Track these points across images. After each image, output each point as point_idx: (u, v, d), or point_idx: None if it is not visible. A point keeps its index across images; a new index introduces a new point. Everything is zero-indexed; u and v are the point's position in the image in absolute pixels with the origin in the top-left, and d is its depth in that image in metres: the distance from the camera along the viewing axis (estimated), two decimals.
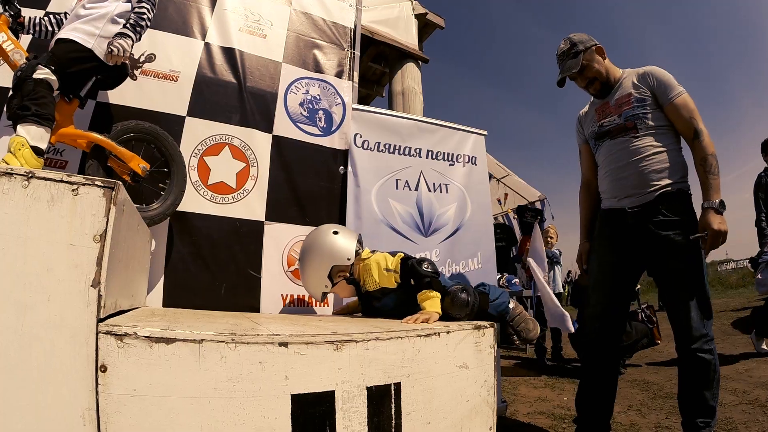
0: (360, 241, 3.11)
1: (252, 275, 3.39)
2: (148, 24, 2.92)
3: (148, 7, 2.90)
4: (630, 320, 6.12)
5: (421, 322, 2.37)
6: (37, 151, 2.41)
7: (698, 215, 2.78)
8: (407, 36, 7.05)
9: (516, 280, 8.29)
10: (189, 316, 2.23)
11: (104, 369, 1.40)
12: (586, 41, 3.04)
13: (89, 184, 1.54)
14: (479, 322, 2.31)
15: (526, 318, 2.95)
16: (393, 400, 1.86)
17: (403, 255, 2.79)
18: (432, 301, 2.53)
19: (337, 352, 1.74)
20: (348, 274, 2.93)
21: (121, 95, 3.26)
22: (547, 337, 7.41)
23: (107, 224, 1.54)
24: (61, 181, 1.52)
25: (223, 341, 1.52)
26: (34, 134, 2.41)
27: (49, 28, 3.03)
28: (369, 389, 1.79)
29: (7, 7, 2.75)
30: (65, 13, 3.07)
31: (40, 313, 1.41)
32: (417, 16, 7.42)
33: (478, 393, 2.18)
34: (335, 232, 2.97)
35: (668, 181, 2.82)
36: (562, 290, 7.48)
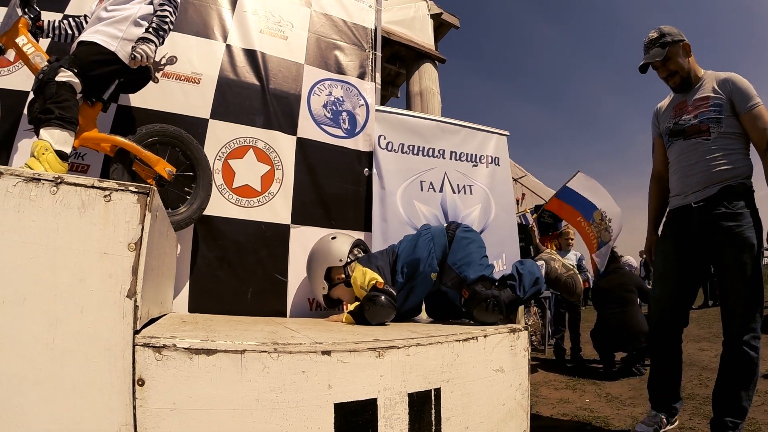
0: (361, 246, 3.17)
1: (278, 279, 3.35)
2: (171, 27, 2.87)
3: (171, 9, 2.85)
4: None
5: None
6: (61, 155, 2.35)
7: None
8: (423, 36, 7.03)
9: None
10: (222, 323, 2.19)
11: (142, 383, 1.35)
12: (675, 35, 3.07)
13: (122, 190, 1.49)
14: (514, 326, 2.32)
15: (564, 278, 2.89)
16: (433, 406, 1.84)
17: (375, 281, 2.64)
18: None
19: (379, 359, 1.70)
20: (344, 276, 2.98)
21: (143, 98, 3.22)
22: (565, 337, 7.34)
23: (142, 232, 1.49)
24: (93, 186, 1.46)
25: (265, 351, 1.47)
26: (58, 138, 2.36)
27: (69, 32, 3.00)
28: (410, 396, 1.77)
29: (26, 10, 2.70)
30: (85, 16, 3.03)
31: (72, 325, 1.35)
32: (432, 16, 7.41)
33: (513, 396, 2.19)
34: (333, 238, 3.09)
35: (732, 180, 2.88)
36: None
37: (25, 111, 3.03)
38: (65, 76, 2.44)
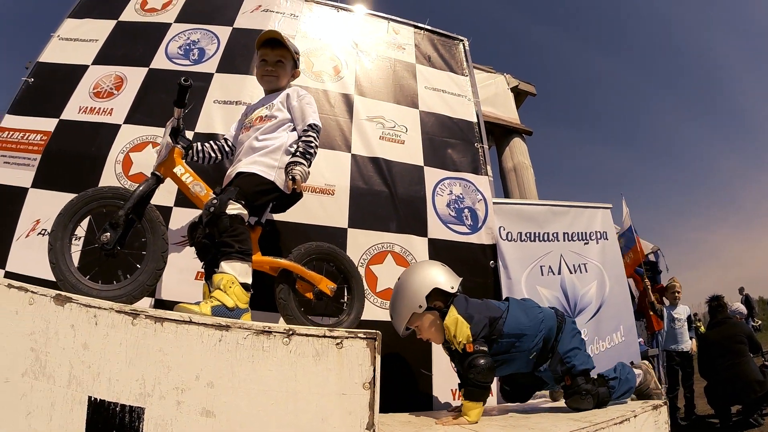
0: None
1: (424, 374, 3.54)
2: (316, 151, 3.04)
3: (314, 135, 3.03)
4: (763, 370, 6.01)
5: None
6: (244, 287, 2.53)
7: None
8: (508, 111, 7.26)
9: (640, 339, 8.14)
10: (405, 425, 2.58)
11: None
12: None
13: (353, 337, 1.74)
14: (656, 402, 2.55)
15: (652, 393, 3.04)
16: None
17: (469, 347, 2.66)
18: (474, 412, 2.58)
19: None
20: (443, 307, 2.82)
21: (285, 212, 3.42)
22: (679, 395, 7.22)
23: (374, 372, 1.74)
24: (324, 336, 1.71)
25: None
26: (240, 270, 2.53)
27: (212, 155, 3.23)
28: None
29: (178, 139, 2.90)
30: (225, 140, 3.30)
31: None
32: (511, 89, 7.64)
33: None
34: (443, 265, 2.99)
35: None
36: (688, 349, 7.26)
37: (170, 226, 3.35)
38: (235, 208, 2.60)
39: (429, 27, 5.44)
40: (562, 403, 2.97)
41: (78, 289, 2.25)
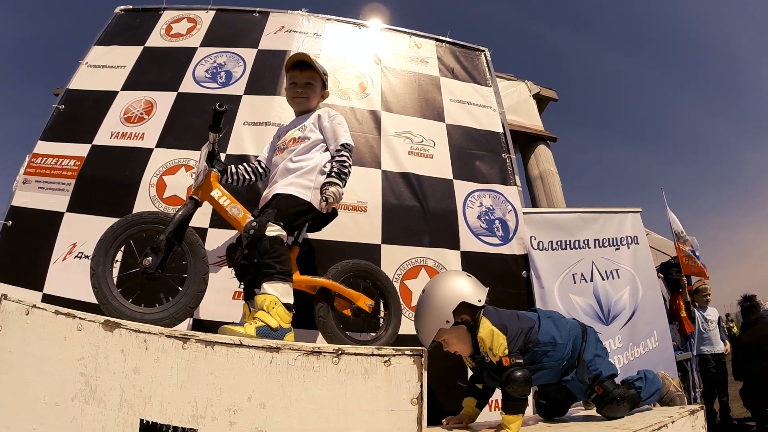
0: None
1: (460, 386, 3.52)
2: (350, 171, 3.07)
3: (347, 155, 3.07)
4: None
5: None
6: (287, 306, 2.55)
7: None
8: (531, 118, 7.23)
9: (674, 343, 8.04)
10: None
11: None
12: None
13: (400, 355, 1.74)
14: (693, 407, 2.53)
15: (674, 396, 2.98)
16: None
17: (506, 360, 2.56)
18: (515, 425, 2.50)
19: None
20: (471, 320, 2.70)
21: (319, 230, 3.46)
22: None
23: (421, 387, 1.74)
24: (373, 354, 1.72)
25: None
26: (282, 291, 2.56)
27: (246, 177, 3.28)
28: None
29: (214, 163, 2.95)
30: (258, 161, 3.35)
31: None
32: (533, 96, 7.61)
33: None
34: (468, 275, 2.86)
35: None
36: (723, 350, 7.17)
37: (206, 247, 3.36)
38: (274, 230, 2.62)
39: (450, 39, 5.46)
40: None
41: (121, 313, 2.30)
